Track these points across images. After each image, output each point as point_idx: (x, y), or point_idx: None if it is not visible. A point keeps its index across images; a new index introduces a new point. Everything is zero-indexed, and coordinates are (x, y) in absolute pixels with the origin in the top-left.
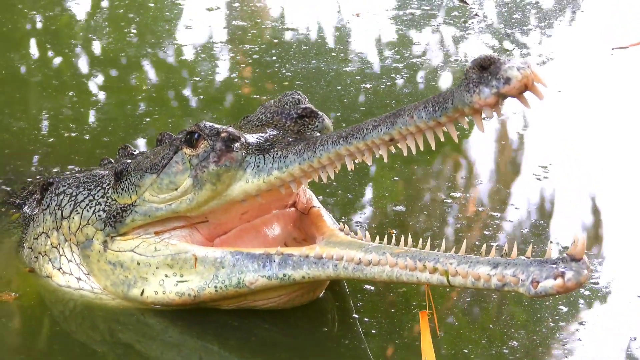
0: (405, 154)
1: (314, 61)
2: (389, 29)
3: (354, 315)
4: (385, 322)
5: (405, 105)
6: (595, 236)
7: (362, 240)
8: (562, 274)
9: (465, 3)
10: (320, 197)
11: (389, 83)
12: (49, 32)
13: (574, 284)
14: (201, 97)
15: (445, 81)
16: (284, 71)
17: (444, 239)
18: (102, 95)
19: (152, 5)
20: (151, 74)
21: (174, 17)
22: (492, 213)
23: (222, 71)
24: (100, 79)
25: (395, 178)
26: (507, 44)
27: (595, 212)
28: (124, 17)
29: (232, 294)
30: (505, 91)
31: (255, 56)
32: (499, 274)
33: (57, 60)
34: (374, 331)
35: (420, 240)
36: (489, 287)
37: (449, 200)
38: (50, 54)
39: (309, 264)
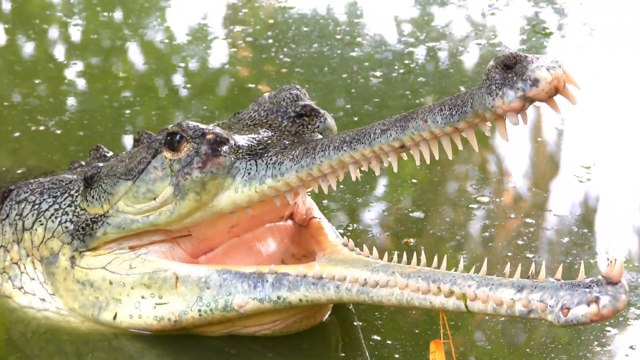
0: (418, 163)
1: (315, 45)
2: (402, 7)
3: (374, 337)
4: (410, 344)
5: (423, 99)
6: None
7: (368, 257)
8: (597, 300)
9: None
10: (325, 201)
11: (402, 71)
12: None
13: (610, 311)
14: (188, 85)
15: (471, 68)
16: (281, 56)
17: (461, 257)
18: (76, 84)
19: None
20: (133, 58)
21: None
22: (527, 220)
23: (213, 56)
24: (75, 65)
25: (412, 180)
26: (540, 26)
27: None
28: None
29: (219, 318)
30: (533, 95)
31: (248, 39)
32: (524, 298)
33: (26, 45)
34: (397, 355)
35: (435, 257)
36: (512, 314)
37: (475, 206)
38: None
39: (307, 285)
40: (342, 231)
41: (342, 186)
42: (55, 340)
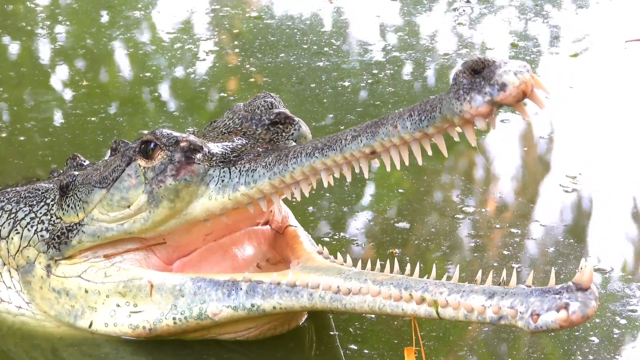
0: (388, 169)
1: (282, 54)
2: (367, 17)
3: (352, 346)
4: (388, 354)
5: (391, 107)
6: (633, 257)
7: (342, 264)
8: (566, 306)
9: None
10: (310, 208)
11: (370, 80)
12: None
13: (580, 317)
14: (155, 94)
15: (437, 78)
16: (247, 66)
17: (434, 265)
18: (60, 91)
19: None
20: (84, 66)
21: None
22: (513, 230)
23: (176, 66)
24: (59, 71)
25: (398, 190)
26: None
27: (634, 229)
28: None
29: (194, 326)
30: (501, 99)
31: (214, 48)
32: (495, 305)
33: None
34: None
35: (408, 265)
36: (483, 321)
37: (461, 216)
38: None
39: (281, 293)
40: (327, 239)
41: (327, 194)
42: (31, 346)
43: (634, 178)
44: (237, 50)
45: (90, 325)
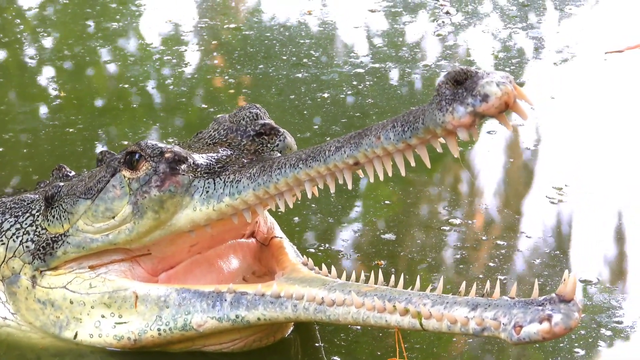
0: (371, 180)
1: (261, 66)
2: (347, 28)
3: (335, 357)
4: None
5: (372, 119)
6: (619, 268)
7: (327, 276)
8: (549, 317)
9: None
10: (296, 218)
11: (350, 92)
12: None
13: (562, 328)
14: (133, 105)
15: (418, 90)
16: (226, 77)
17: (418, 276)
18: (25, 101)
19: None
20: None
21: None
22: (499, 242)
23: (155, 77)
24: (47, 76)
25: (385, 202)
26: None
27: (619, 240)
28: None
29: (178, 337)
30: (483, 110)
31: (193, 59)
32: (478, 317)
33: None
34: None
35: (393, 276)
36: (466, 332)
37: (447, 228)
38: None
39: (265, 304)
40: (313, 251)
41: (314, 205)
42: (16, 348)
43: (619, 189)
44: (215, 61)
45: (76, 336)
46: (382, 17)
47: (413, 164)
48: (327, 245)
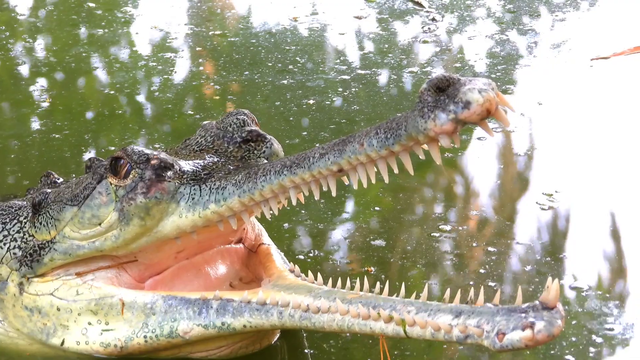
0: (355, 187)
1: (246, 72)
2: (332, 35)
3: None
4: None
5: (357, 125)
6: (610, 275)
7: (313, 283)
8: (532, 325)
9: (421, 5)
10: (286, 224)
11: (335, 98)
12: None
13: (545, 336)
14: (119, 111)
15: (403, 96)
16: (211, 84)
17: (403, 284)
18: (12, 107)
19: None
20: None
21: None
22: (490, 248)
23: (141, 84)
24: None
25: (375, 207)
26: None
27: (610, 246)
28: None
29: (165, 344)
30: (465, 117)
31: (179, 66)
32: (462, 324)
33: None
34: None
35: (378, 283)
36: (450, 339)
37: (438, 234)
38: None
39: (251, 311)
40: (302, 257)
41: (303, 211)
42: (3, 355)
43: (610, 194)
44: (201, 68)
45: (63, 344)
46: (368, 23)
47: (396, 170)
48: (316, 251)
